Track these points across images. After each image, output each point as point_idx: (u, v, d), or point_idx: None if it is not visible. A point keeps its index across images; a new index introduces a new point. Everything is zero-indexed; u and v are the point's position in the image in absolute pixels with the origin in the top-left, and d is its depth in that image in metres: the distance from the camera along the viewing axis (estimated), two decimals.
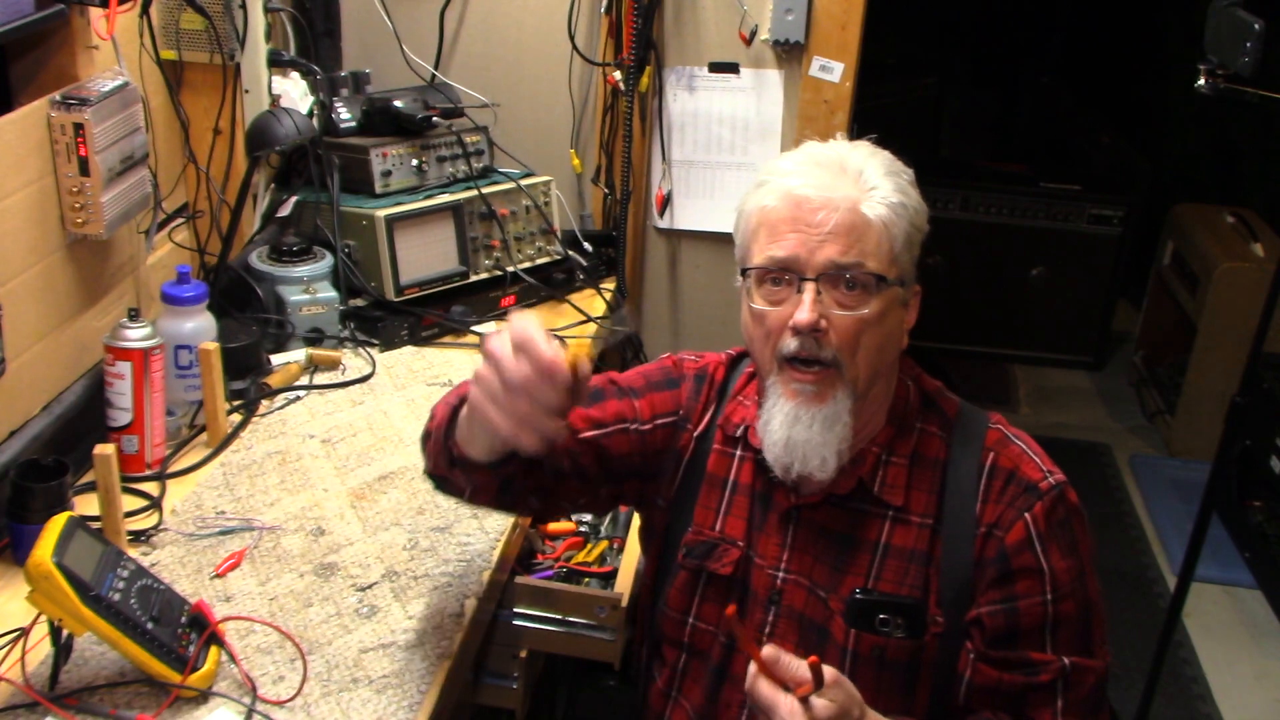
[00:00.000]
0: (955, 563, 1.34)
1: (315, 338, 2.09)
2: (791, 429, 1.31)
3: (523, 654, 1.72)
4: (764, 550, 1.41)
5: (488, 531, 1.65)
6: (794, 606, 1.38)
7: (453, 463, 1.34)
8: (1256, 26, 2.04)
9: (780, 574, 1.39)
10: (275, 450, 1.81)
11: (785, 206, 1.30)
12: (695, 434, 1.47)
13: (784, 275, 1.30)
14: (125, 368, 1.64)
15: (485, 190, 2.34)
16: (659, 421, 1.48)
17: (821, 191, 1.29)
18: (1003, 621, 1.32)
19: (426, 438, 1.42)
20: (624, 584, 1.77)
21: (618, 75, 2.55)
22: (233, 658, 1.33)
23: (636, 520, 1.67)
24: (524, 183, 2.42)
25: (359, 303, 2.20)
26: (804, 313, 1.27)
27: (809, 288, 1.28)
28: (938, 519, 1.35)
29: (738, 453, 1.45)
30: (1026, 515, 1.32)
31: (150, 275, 1.95)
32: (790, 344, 1.30)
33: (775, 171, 1.34)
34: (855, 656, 1.34)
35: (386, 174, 2.28)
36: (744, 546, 1.42)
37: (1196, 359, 4.04)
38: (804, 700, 1.14)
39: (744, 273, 1.34)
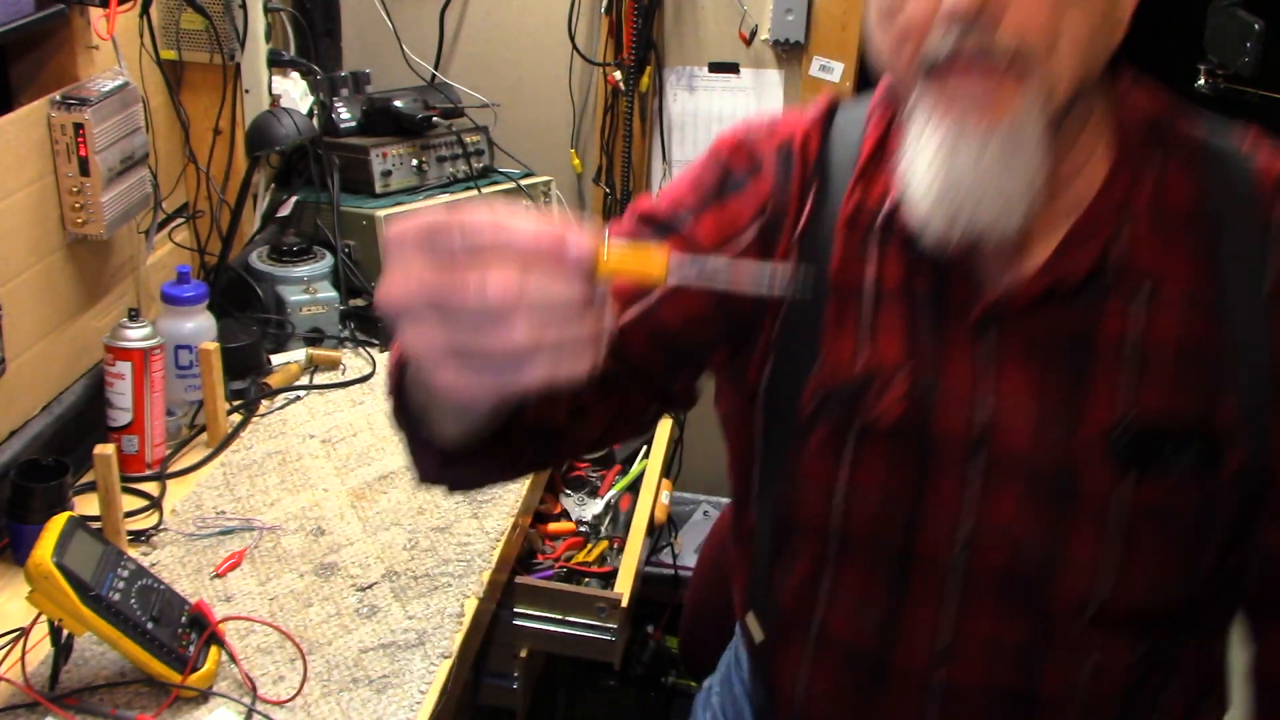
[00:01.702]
0: (1248, 357, 0.93)
1: (315, 338, 2.09)
2: (950, 163, 0.87)
3: (523, 654, 1.72)
4: (950, 379, 0.97)
5: (488, 531, 1.65)
6: (1013, 453, 0.96)
7: (445, 461, 0.93)
8: (1256, 26, 2.04)
9: (984, 409, 0.96)
10: (275, 450, 1.81)
11: None
12: (798, 235, 1.02)
13: None
14: (125, 368, 1.64)
15: (485, 190, 2.34)
16: (734, 244, 1.02)
17: None
18: None
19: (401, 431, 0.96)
20: (624, 584, 1.77)
21: (618, 75, 2.55)
22: (233, 658, 1.33)
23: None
24: (524, 183, 2.42)
25: (359, 303, 2.20)
26: None
27: None
28: (1212, 296, 0.93)
29: (877, 246, 1.00)
30: None
31: (150, 275, 1.95)
32: (944, 40, 0.85)
33: None
34: (1128, 515, 0.94)
35: (386, 174, 2.28)
36: (911, 378, 0.98)
37: None
38: None
39: None
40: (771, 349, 1.03)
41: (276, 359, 2.02)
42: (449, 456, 0.90)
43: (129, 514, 1.57)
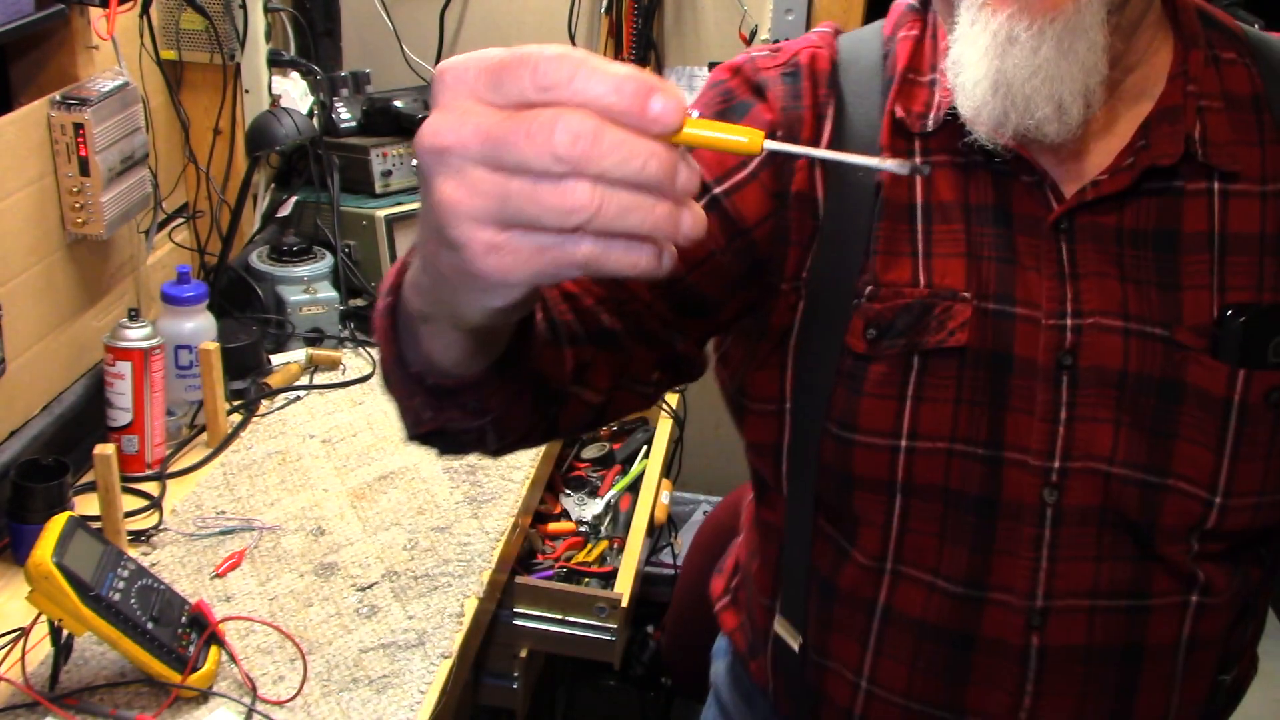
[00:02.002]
0: None
1: (315, 338, 2.09)
2: (1004, 57, 0.82)
3: (523, 654, 1.72)
4: (1024, 292, 0.90)
5: (488, 531, 1.65)
6: (1105, 366, 0.89)
7: (438, 398, 0.75)
8: (1256, 26, 2.04)
9: (1066, 324, 0.89)
10: (275, 450, 1.80)
11: None
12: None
13: None
14: (125, 368, 1.64)
15: None
16: (738, 172, 0.94)
17: None
18: None
19: (388, 383, 0.80)
20: (624, 584, 1.77)
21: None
22: (233, 658, 1.33)
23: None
24: None
25: (359, 303, 2.20)
26: None
27: None
28: None
29: (920, 159, 0.93)
30: None
31: (150, 275, 1.95)
32: None
33: None
34: (1244, 413, 0.88)
35: (386, 174, 2.28)
36: (979, 296, 0.90)
37: None
38: None
39: None
40: (803, 285, 0.94)
41: (276, 359, 2.02)
42: (443, 392, 0.74)
43: (129, 514, 1.57)
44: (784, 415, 0.98)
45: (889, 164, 0.58)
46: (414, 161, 2.30)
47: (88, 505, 1.55)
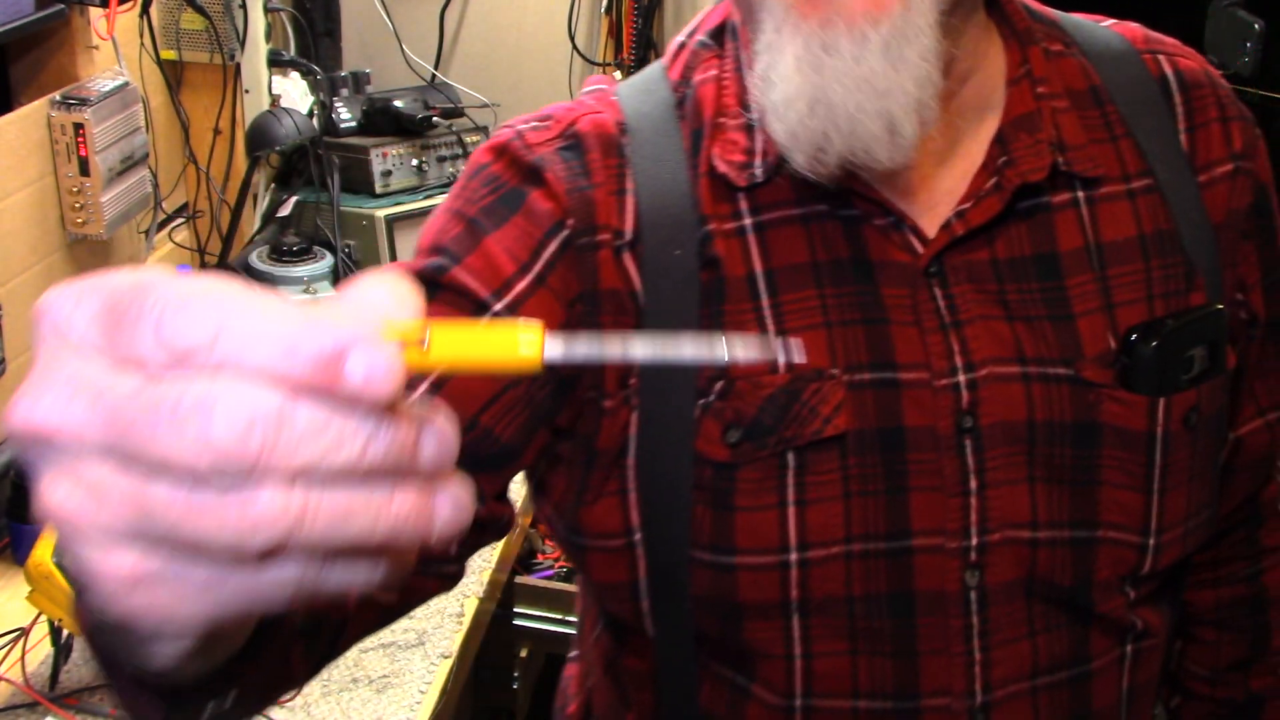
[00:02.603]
0: (1194, 234, 0.81)
1: None
2: (820, 70, 0.68)
3: (523, 654, 1.72)
4: (902, 354, 0.77)
5: None
6: (1009, 420, 0.77)
7: (168, 703, 0.52)
8: (1256, 26, 2.04)
9: (961, 376, 0.77)
10: None
11: None
12: (630, 233, 0.77)
13: None
14: None
15: None
16: (525, 275, 0.75)
17: None
18: (1268, 308, 0.85)
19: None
20: None
21: (618, 75, 2.55)
22: None
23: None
24: None
25: None
26: None
27: None
28: (1147, 174, 0.81)
29: (751, 219, 0.78)
30: (1256, 132, 0.84)
31: None
32: None
33: None
34: (1167, 442, 0.79)
35: (386, 174, 2.28)
36: (850, 369, 0.76)
37: None
38: None
39: None
40: (633, 394, 0.77)
41: None
42: (171, 694, 0.51)
43: None
44: (634, 549, 0.79)
45: (719, 352, 0.37)
46: (414, 161, 2.30)
47: None
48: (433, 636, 1.43)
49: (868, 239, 0.77)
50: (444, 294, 0.74)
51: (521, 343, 0.36)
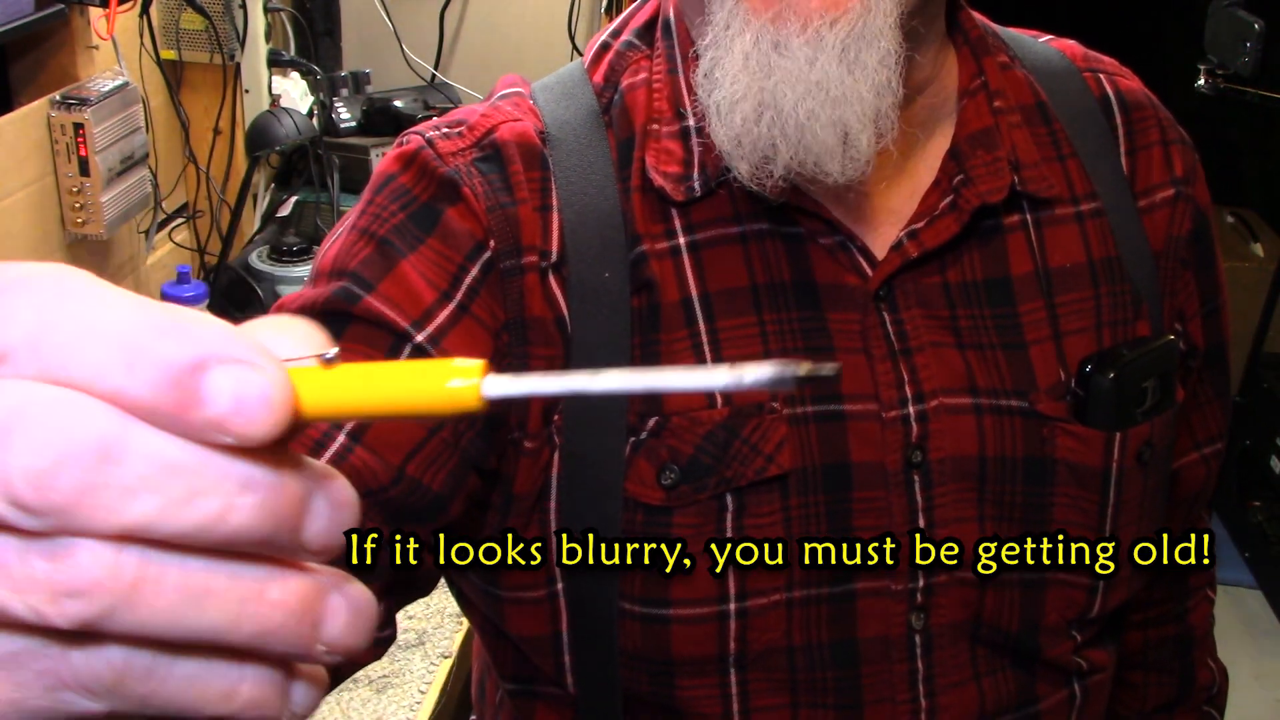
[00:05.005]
0: (1135, 261, 0.77)
1: None
2: (769, 71, 0.63)
3: None
4: (849, 385, 0.71)
5: None
6: (960, 455, 0.72)
7: None
8: (1256, 26, 2.04)
9: (911, 408, 0.72)
10: None
11: None
12: (556, 253, 0.70)
13: None
14: None
15: None
16: (447, 301, 0.68)
17: None
18: (1206, 339, 0.83)
19: None
20: None
21: None
22: None
23: None
24: None
25: None
26: None
27: None
28: (1094, 196, 0.77)
29: (686, 237, 0.71)
30: (1195, 156, 0.81)
31: (150, 275, 1.95)
32: None
33: None
34: (1120, 479, 0.75)
35: None
36: (791, 403, 0.70)
37: None
38: None
39: None
40: (555, 433, 0.70)
41: None
42: None
43: None
44: (556, 600, 0.73)
45: (718, 379, 0.29)
46: None
47: None
48: (433, 636, 1.43)
49: (813, 259, 0.72)
50: (356, 326, 0.66)
51: (458, 380, 0.29)
